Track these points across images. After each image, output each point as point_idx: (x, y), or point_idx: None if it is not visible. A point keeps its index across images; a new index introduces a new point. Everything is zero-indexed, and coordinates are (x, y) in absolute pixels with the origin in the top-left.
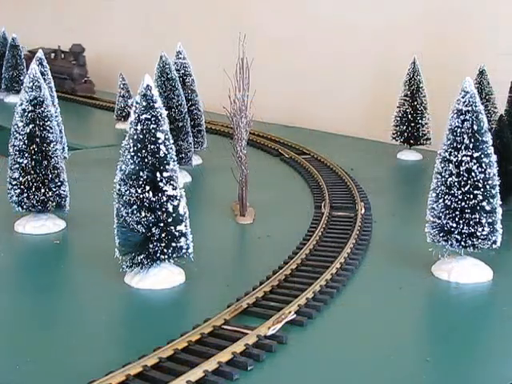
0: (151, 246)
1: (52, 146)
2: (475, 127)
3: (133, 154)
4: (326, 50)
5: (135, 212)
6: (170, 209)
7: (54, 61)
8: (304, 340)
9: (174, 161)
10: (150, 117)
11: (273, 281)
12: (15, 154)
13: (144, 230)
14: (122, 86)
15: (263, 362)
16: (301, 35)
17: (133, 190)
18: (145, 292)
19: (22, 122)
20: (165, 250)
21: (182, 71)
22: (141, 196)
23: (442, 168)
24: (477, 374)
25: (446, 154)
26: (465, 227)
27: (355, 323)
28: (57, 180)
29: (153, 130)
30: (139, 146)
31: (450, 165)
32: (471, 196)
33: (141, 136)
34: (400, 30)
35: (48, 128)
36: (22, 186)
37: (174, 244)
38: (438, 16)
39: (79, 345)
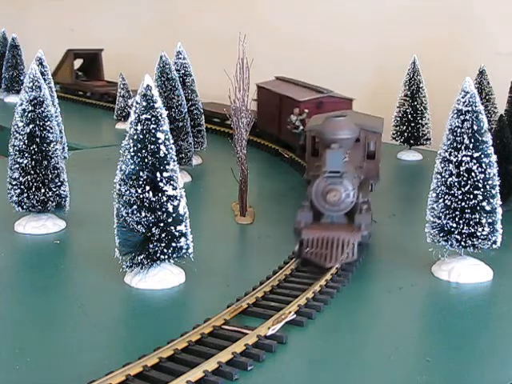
0: (151, 246)
1: (52, 145)
2: (475, 127)
3: (133, 153)
4: (325, 49)
5: (135, 212)
6: (170, 209)
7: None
8: (304, 340)
9: (174, 161)
10: (150, 117)
11: (273, 281)
12: (15, 154)
13: (144, 230)
14: (122, 85)
15: (263, 362)
16: (301, 34)
17: (133, 190)
18: (145, 292)
19: (22, 121)
20: (165, 250)
21: (182, 71)
22: (141, 196)
23: (442, 168)
24: (477, 374)
25: (446, 154)
26: (465, 227)
27: (355, 323)
28: (57, 180)
29: (153, 130)
30: (139, 146)
31: (450, 165)
32: (471, 196)
33: (141, 136)
34: (400, 29)
35: (48, 128)
36: (22, 186)
37: (174, 244)
38: (438, 15)
39: (79, 345)
